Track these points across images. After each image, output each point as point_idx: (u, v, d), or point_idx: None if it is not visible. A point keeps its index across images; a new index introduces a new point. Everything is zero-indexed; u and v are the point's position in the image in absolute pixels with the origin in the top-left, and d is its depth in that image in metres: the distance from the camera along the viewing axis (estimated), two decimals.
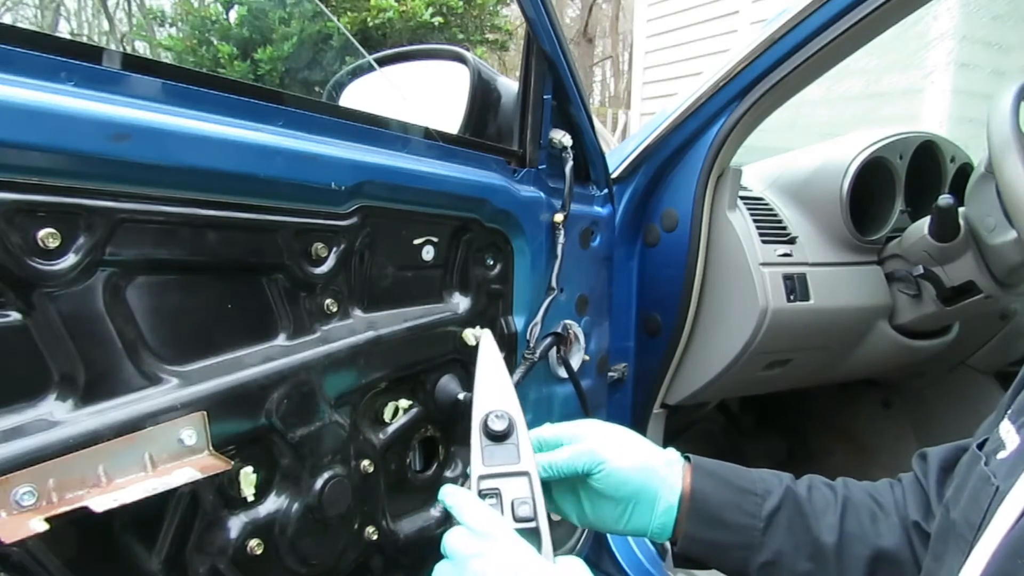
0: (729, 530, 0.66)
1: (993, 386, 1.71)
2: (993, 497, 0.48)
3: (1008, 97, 1.16)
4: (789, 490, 0.68)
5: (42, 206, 0.52)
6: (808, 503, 0.67)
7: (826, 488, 0.70)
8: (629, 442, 0.70)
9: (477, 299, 0.89)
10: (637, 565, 1.20)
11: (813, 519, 0.66)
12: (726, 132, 1.16)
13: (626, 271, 1.25)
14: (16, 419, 0.52)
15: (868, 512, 0.67)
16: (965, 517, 0.51)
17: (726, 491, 0.67)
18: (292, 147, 0.66)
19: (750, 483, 0.68)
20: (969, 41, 3.99)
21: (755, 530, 0.66)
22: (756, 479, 0.69)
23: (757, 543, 0.65)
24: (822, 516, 0.66)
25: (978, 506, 0.49)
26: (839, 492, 0.69)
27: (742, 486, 0.68)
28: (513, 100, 1.00)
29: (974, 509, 0.50)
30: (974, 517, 0.49)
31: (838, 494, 0.69)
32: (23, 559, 0.51)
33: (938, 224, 1.33)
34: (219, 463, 0.60)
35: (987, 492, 0.49)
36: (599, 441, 0.69)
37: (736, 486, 0.68)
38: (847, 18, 1.03)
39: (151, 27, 9.71)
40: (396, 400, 0.81)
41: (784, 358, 1.35)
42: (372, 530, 0.79)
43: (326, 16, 6.87)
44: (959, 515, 0.52)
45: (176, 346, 0.61)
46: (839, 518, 0.66)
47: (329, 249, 0.72)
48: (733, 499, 0.67)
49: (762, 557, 0.65)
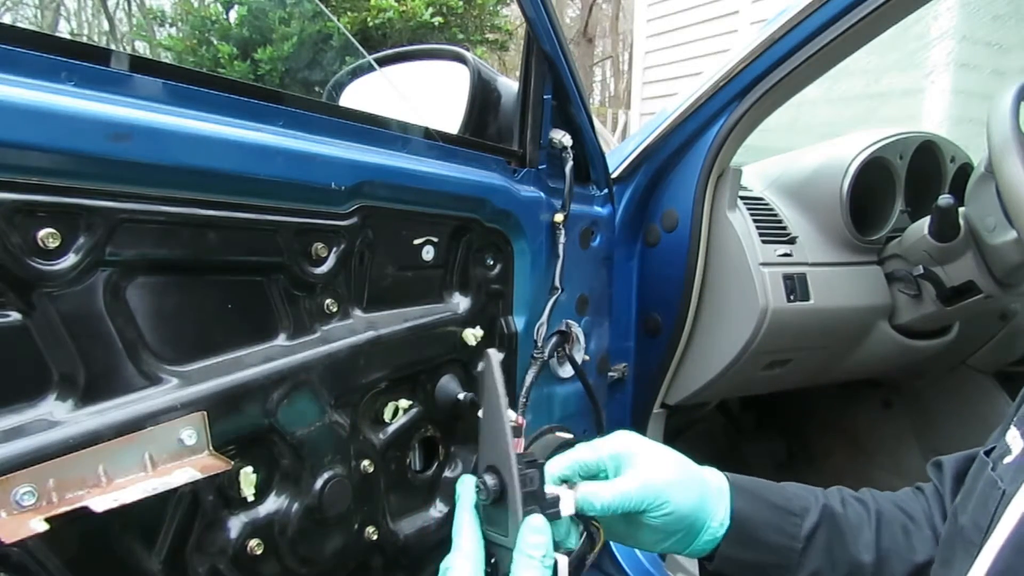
0: (769, 551, 0.65)
1: (993, 386, 1.71)
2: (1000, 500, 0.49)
3: (1008, 97, 1.16)
4: (826, 508, 0.67)
5: (42, 206, 0.52)
6: (845, 520, 0.67)
7: (857, 503, 0.69)
8: (683, 473, 0.65)
9: (477, 299, 0.89)
10: (637, 565, 1.20)
11: (850, 537, 0.65)
12: (726, 132, 1.16)
13: (626, 271, 1.25)
14: (16, 419, 0.52)
15: (901, 527, 0.67)
16: (974, 522, 0.51)
17: (764, 511, 0.66)
18: (292, 147, 0.66)
19: (786, 501, 0.67)
20: (969, 41, 3.99)
21: (794, 551, 0.65)
22: (792, 496, 0.68)
23: (795, 563, 0.65)
24: (858, 533, 0.66)
25: (986, 510, 0.50)
26: (871, 507, 0.68)
27: (779, 505, 0.67)
28: (513, 100, 1.00)
29: (982, 514, 0.50)
30: (982, 521, 0.50)
31: (870, 509, 0.68)
32: (23, 559, 0.51)
33: (938, 224, 1.33)
34: (219, 463, 0.60)
35: (994, 496, 0.50)
36: (654, 473, 0.64)
37: (774, 505, 0.67)
38: (847, 18, 1.03)
39: (151, 27, 9.71)
40: (396, 400, 0.80)
41: (784, 358, 1.35)
42: (372, 530, 0.79)
43: (326, 16, 6.87)
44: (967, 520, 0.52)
45: (176, 346, 0.61)
46: (875, 535, 0.65)
47: (329, 249, 0.72)
48: (772, 519, 0.66)
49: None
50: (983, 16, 4.01)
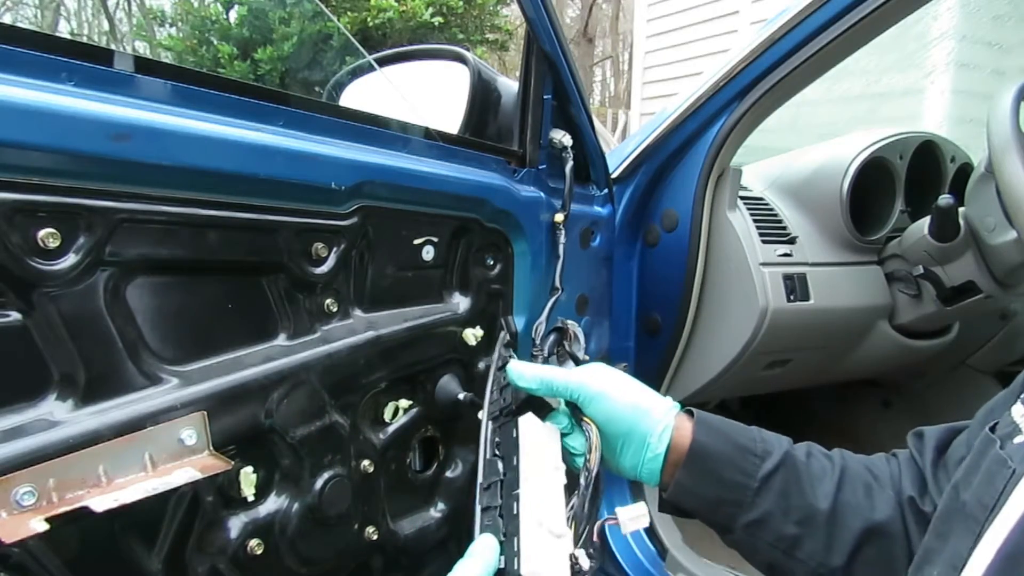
0: (723, 486, 0.66)
1: (993, 386, 1.71)
2: (1009, 480, 0.49)
3: (1008, 97, 1.17)
4: (788, 454, 0.68)
5: (42, 206, 0.52)
6: (806, 469, 0.67)
7: (824, 457, 0.70)
8: (627, 383, 0.71)
9: (477, 299, 0.89)
10: (637, 565, 1.20)
11: (808, 485, 0.66)
12: (726, 132, 1.16)
13: (626, 271, 1.25)
14: (16, 419, 0.52)
15: (864, 484, 0.67)
16: (978, 499, 0.51)
17: (726, 447, 0.67)
18: (292, 147, 0.66)
19: (750, 442, 0.68)
20: (969, 41, 3.99)
21: (748, 489, 0.66)
22: (757, 439, 0.69)
23: (748, 501, 0.66)
24: (818, 483, 0.66)
25: (992, 488, 0.50)
26: (836, 462, 0.69)
27: (742, 444, 0.68)
28: (513, 100, 1.00)
29: (988, 491, 0.50)
30: (987, 499, 0.50)
31: (835, 464, 0.69)
32: (23, 559, 0.51)
33: (938, 224, 1.33)
34: (219, 463, 0.60)
35: (1003, 475, 0.50)
36: (597, 377, 0.70)
37: (735, 443, 0.68)
38: (847, 18, 1.03)
39: (151, 27, 9.71)
40: (396, 400, 0.80)
41: (784, 358, 1.35)
42: (372, 530, 0.79)
43: (326, 16, 6.88)
44: (971, 496, 0.52)
45: (176, 346, 0.61)
46: (835, 487, 0.66)
47: (329, 249, 0.72)
48: (731, 456, 0.67)
49: (750, 516, 0.65)
50: (983, 16, 4.01)
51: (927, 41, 3.92)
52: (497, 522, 0.58)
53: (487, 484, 0.63)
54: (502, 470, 0.64)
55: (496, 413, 0.71)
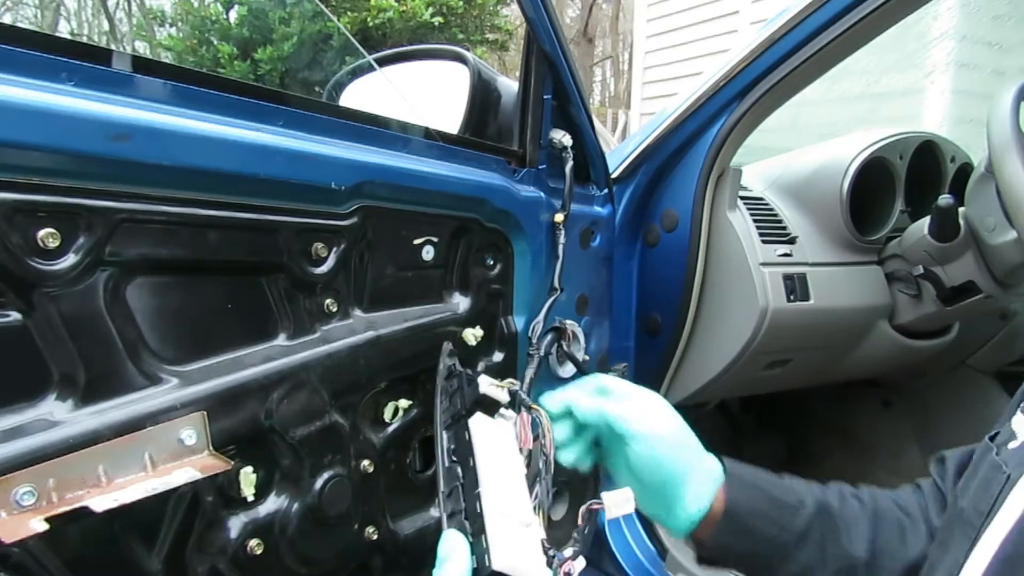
0: (761, 542, 0.66)
1: (993, 386, 1.70)
2: (1004, 485, 0.49)
3: (1008, 97, 1.16)
4: (822, 503, 0.68)
5: (42, 206, 0.52)
6: (840, 516, 0.67)
7: (854, 499, 0.69)
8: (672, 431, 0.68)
9: (477, 299, 0.89)
10: (637, 565, 1.20)
11: (844, 533, 0.66)
12: (726, 132, 1.16)
13: (626, 271, 1.25)
14: (16, 419, 0.52)
15: (897, 524, 0.67)
16: (974, 505, 0.51)
17: (761, 503, 0.67)
18: (292, 147, 0.66)
19: (783, 493, 0.68)
20: (969, 41, 3.99)
21: (787, 544, 0.65)
22: (789, 489, 0.69)
23: (788, 556, 0.65)
24: (854, 530, 0.66)
25: (988, 494, 0.50)
26: (867, 503, 0.69)
27: (775, 496, 0.67)
28: (513, 100, 1.00)
29: (983, 497, 0.50)
30: (983, 504, 0.50)
31: (866, 506, 0.68)
32: (23, 559, 0.51)
33: (938, 224, 1.33)
34: (219, 463, 0.60)
35: (998, 480, 0.50)
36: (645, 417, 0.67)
37: (770, 496, 0.67)
38: (847, 18, 1.03)
39: (151, 27, 9.71)
40: (396, 400, 0.80)
41: (784, 358, 1.35)
42: (372, 530, 0.79)
43: (326, 16, 6.88)
44: (968, 503, 0.52)
45: (176, 346, 0.61)
46: (870, 531, 0.66)
47: (329, 249, 0.72)
48: (767, 511, 0.66)
49: (790, 569, 0.65)
50: (983, 16, 4.01)
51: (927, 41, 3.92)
52: (464, 525, 0.58)
53: (448, 490, 0.62)
54: (461, 474, 0.63)
55: (448, 421, 0.70)
